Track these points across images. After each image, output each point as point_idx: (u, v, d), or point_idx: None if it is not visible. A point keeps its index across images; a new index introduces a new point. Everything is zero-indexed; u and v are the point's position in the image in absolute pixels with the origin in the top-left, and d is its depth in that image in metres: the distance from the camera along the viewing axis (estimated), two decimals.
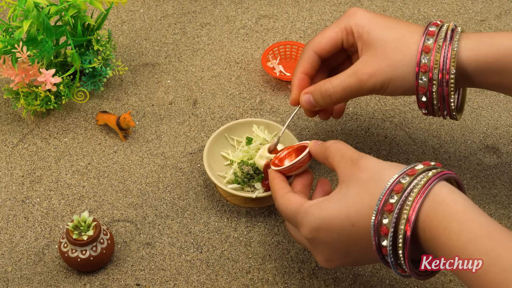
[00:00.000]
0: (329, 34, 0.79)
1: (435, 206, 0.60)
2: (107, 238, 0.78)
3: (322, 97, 0.78)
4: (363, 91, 0.76)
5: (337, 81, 0.77)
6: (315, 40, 0.80)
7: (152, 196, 0.87)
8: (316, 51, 0.80)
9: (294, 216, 0.69)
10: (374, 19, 0.76)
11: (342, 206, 0.65)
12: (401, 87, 0.75)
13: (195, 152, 0.92)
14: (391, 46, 0.74)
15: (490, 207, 0.85)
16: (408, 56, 0.73)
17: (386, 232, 0.62)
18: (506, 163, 0.90)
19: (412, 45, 0.73)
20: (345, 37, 0.78)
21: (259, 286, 0.78)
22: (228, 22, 1.09)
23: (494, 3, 1.13)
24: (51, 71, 0.89)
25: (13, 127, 0.95)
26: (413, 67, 0.73)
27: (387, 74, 0.74)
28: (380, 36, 0.75)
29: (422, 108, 0.76)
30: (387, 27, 0.75)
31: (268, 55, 1.01)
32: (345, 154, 0.69)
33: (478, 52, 0.71)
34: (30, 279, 0.79)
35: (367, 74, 0.74)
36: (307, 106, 0.80)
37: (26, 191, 0.87)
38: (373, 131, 0.94)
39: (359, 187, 0.65)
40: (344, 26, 0.78)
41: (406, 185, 0.62)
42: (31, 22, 0.87)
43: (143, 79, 1.01)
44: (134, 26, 1.09)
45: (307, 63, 0.81)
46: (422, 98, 0.74)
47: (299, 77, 0.81)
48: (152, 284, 0.78)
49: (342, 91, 0.77)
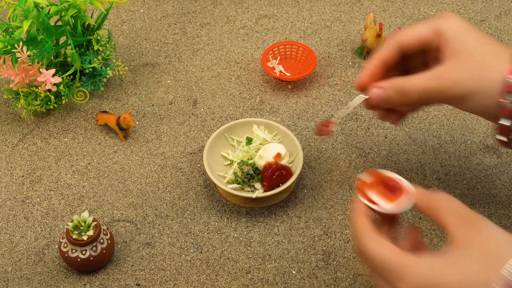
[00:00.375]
0: (419, 30, 0.73)
1: None
2: (107, 238, 0.78)
3: (397, 95, 0.72)
4: (442, 98, 0.70)
5: (417, 81, 0.70)
6: (403, 32, 0.74)
7: (152, 196, 0.87)
8: (400, 42, 0.74)
9: (392, 267, 0.62)
10: (468, 29, 0.71)
11: (456, 274, 0.59)
12: (482, 104, 0.69)
13: (195, 152, 0.92)
14: (481, 59, 0.69)
15: (490, 207, 0.85)
16: (496, 73, 0.68)
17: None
18: (506, 163, 0.90)
19: (502, 62, 0.68)
20: (434, 38, 0.73)
21: (259, 286, 0.78)
22: (228, 22, 1.09)
23: (494, 3, 1.13)
24: (51, 71, 0.89)
25: (13, 127, 0.95)
26: (501, 85, 0.67)
27: (472, 86, 0.68)
28: (470, 46, 0.70)
29: (502, 134, 0.70)
30: (480, 39, 0.70)
31: (268, 55, 1.01)
32: (461, 211, 0.63)
33: None
34: (30, 279, 0.79)
35: (451, 81, 0.69)
36: (376, 101, 0.73)
37: (26, 191, 0.87)
38: (373, 131, 0.94)
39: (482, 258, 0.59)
40: (438, 26, 0.72)
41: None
42: (31, 22, 0.87)
43: (143, 79, 1.01)
44: (134, 26, 1.09)
45: (387, 50, 0.74)
46: (505, 122, 0.68)
47: (375, 62, 0.74)
48: (152, 284, 0.78)
49: (421, 93, 0.70)
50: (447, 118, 0.95)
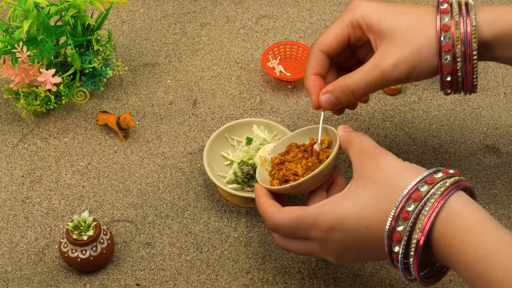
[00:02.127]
0: (335, 31, 0.75)
1: (450, 217, 0.60)
2: (107, 238, 0.78)
3: (344, 95, 0.74)
4: (388, 83, 0.73)
5: (359, 76, 0.73)
6: (321, 39, 0.76)
7: (152, 196, 0.87)
8: (323, 50, 0.76)
9: (303, 220, 0.67)
10: (381, 7, 0.73)
11: (357, 207, 0.64)
12: (425, 72, 0.72)
13: (195, 152, 0.92)
14: (408, 32, 0.71)
15: (490, 207, 0.85)
16: (427, 39, 0.70)
17: (399, 239, 0.61)
18: (506, 163, 0.90)
19: (429, 26, 0.70)
20: (352, 32, 0.75)
21: (259, 286, 0.78)
22: (228, 22, 1.09)
23: (494, 3, 1.12)
24: (51, 71, 0.89)
25: (13, 127, 0.95)
26: (435, 49, 0.70)
27: (410, 62, 0.70)
28: (393, 23, 0.71)
29: (447, 88, 0.73)
30: (397, 13, 0.72)
31: (268, 55, 1.01)
32: (366, 147, 0.68)
33: (495, 26, 0.69)
34: (30, 279, 0.79)
35: (391, 65, 0.71)
36: (328, 107, 0.76)
37: (26, 191, 0.87)
38: (373, 131, 0.94)
39: (376, 188, 0.64)
40: (350, 20, 0.74)
41: (424, 194, 0.61)
42: (31, 22, 0.87)
43: (143, 79, 1.01)
44: (134, 26, 1.09)
45: (315, 63, 0.77)
46: (447, 78, 0.72)
47: (311, 79, 0.77)
48: (152, 284, 0.78)
49: (366, 86, 0.73)
50: (447, 118, 0.95)
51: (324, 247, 0.68)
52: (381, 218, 0.63)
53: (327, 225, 0.66)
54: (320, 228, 0.66)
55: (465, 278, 0.59)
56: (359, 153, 0.68)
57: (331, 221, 0.65)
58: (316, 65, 0.77)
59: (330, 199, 0.67)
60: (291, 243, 0.71)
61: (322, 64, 0.77)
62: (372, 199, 0.64)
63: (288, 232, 0.70)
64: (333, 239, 0.66)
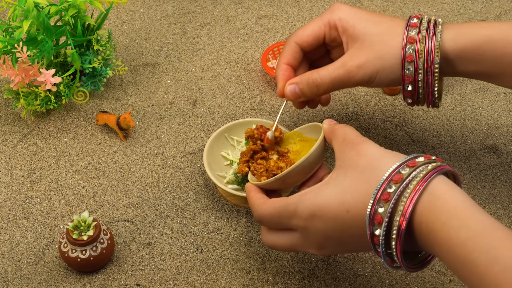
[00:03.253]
0: (312, 28, 0.80)
1: (433, 200, 0.60)
2: (107, 238, 0.78)
3: (309, 88, 0.79)
4: (351, 83, 0.77)
5: (325, 72, 0.77)
6: (298, 33, 0.81)
7: (152, 196, 0.87)
8: (298, 43, 0.81)
9: (284, 209, 0.68)
10: (358, 13, 0.78)
11: (338, 192, 0.65)
12: (387, 78, 0.76)
13: (195, 152, 0.92)
14: (377, 39, 0.76)
15: (490, 207, 0.85)
16: (393, 48, 0.75)
17: (380, 221, 0.61)
18: (506, 163, 0.90)
19: (397, 37, 0.75)
20: (328, 32, 0.80)
21: (259, 286, 0.78)
22: (228, 22, 1.09)
23: (494, 3, 1.13)
24: (51, 71, 0.89)
25: (13, 127, 0.95)
26: (399, 58, 0.75)
27: (374, 67, 0.75)
28: (366, 30, 0.76)
29: (408, 97, 0.77)
30: (372, 21, 0.77)
31: (268, 55, 1.01)
32: (348, 137, 0.69)
33: (458, 42, 0.74)
34: (30, 279, 0.79)
35: (356, 67, 0.76)
36: (292, 97, 0.80)
37: (26, 191, 0.87)
38: (373, 131, 0.94)
39: (357, 174, 0.64)
40: (328, 20, 0.79)
41: (405, 176, 0.61)
42: (31, 22, 0.87)
43: (143, 79, 1.01)
44: (134, 26, 1.09)
45: (289, 54, 0.81)
46: (408, 88, 0.76)
47: (283, 67, 0.81)
48: (152, 284, 0.78)
49: (330, 82, 0.77)
50: (447, 118, 0.95)
51: (306, 237, 0.68)
52: (362, 201, 0.63)
53: (307, 213, 0.66)
54: (301, 216, 0.67)
55: (447, 262, 0.59)
56: (342, 142, 0.69)
57: (311, 208, 0.66)
58: (289, 55, 0.81)
59: (311, 187, 0.67)
60: (275, 236, 0.72)
61: (295, 55, 0.81)
62: (353, 184, 0.64)
63: (272, 222, 0.71)
64: (314, 227, 0.66)
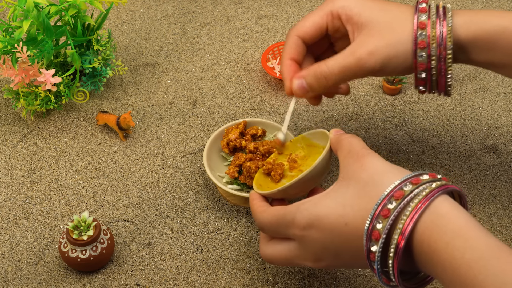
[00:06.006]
0: (313, 19, 0.76)
1: (436, 219, 0.58)
2: (107, 238, 0.78)
3: (317, 80, 0.74)
4: (362, 72, 0.73)
5: (334, 62, 0.73)
6: (298, 25, 0.77)
7: (152, 196, 0.87)
8: (300, 36, 0.77)
9: (283, 218, 0.67)
10: (362, 1, 0.74)
11: (338, 204, 0.63)
12: (401, 66, 0.72)
13: (195, 152, 0.92)
14: (386, 26, 0.72)
15: (490, 207, 0.85)
16: (404, 35, 0.71)
17: (377, 237, 0.59)
18: (506, 163, 0.90)
19: (407, 23, 0.72)
20: (330, 22, 0.76)
21: (259, 286, 0.78)
22: (228, 22, 1.09)
23: (494, 3, 1.13)
24: (51, 71, 0.89)
25: (13, 127, 0.95)
26: (410, 45, 0.71)
27: (386, 53, 0.71)
28: (372, 17, 0.73)
29: (421, 85, 0.74)
30: (377, 8, 0.73)
31: (268, 55, 1.01)
32: (353, 148, 0.67)
33: (469, 29, 0.71)
34: (30, 279, 0.79)
35: (366, 53, 0.71)
36: (300, 93, 0.76)
37: (26, 191, 0.87)
38: (373, 131, 0.94)
39: (359, 187, 0.62)
40: (330, 10, 0.75)
41: (407, 193, 0.59)
42: (31, 22, 0.87)
43: (143, 79, 1.01)
44: (134, 26, 1.09)
45: (292, 48, 0.77)
46: (422, 75, 0.72)
47: (287, 63, 0.77)
48: (152, 284, 0.78)
49: (340, 73, 0.73)
50: (447, 118, 0.95)
51: (303, 247, 0.66)
52: (361, 216, 0.61)
53: (305, 222, 0.64)
54: (298, 225, 0.65)
55: (450, 284, 0.56)
56: (347, 154, 0.67)
57: (309, 217, 0.64)
58: (292, 49, 0.77)
59: (311, 197, 0.66)
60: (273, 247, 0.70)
61: (298, 49, 0.77)
62: (354, 197, 0.62)
63: (271, 230, 0.69)
64: (311, 237, 0.64)
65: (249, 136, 0.85)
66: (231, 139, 0.84)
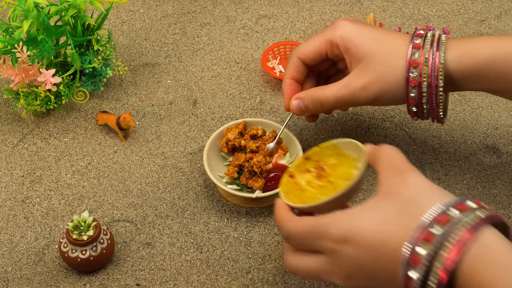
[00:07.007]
0: (314, 44, 0.80)
1: (483, 250, 0.55)
2: (107, 238, 0.78)
3: (313, 104, 0.80)
4: (356, 103, 0.78)
5: (330, 91, 0.78)
6: (301, 48, 0.81)
7: (152, 196, 0.87)
8: (300, 58, 0.81)
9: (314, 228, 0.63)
10: (360, 31, 0.77)
11: (377, 220, 0.59)
12: (393, 99, 0.77)
13: (195, 152, 0.92)
14: (381, 60, 0.75)
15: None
16: (397, 71, 0.75)
17: (417, 262, 0.56)
18: (506, 163, 0.90)
19: (400, 59, 0.75)
20: (330, 49, 0.80)
21: (259, 286, 0.78)
22: (228, 22, 1.09)
23: (494, 3, 1.13)
24: (51, 71, 0.89)
25: (13, 127, 0.95)
26: (403, 80, 0.75)
27: (379, 88, 0.76)
28: (370, 50, 0.76)
29: (413, 116, 0.79)
30: (375, 39, 0.77)
31: (268, 55, 1.01)
32: (393, 162, 0.64)
33: (461, 64, 0.73)
34: (30, 279, 0.79)
35: (359, 88, 0.76)
36: (296, 111, 0.82)
37: (26, 191, 0.87)
38: (373, 131, 0.94)
39: (400, 204, 0.59)
40: (329, 38, 0.79)
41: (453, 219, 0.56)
42: (31, 22, 0.87)
43: (143, 79, 1.01)
44: (134, 26, 1.09)
45: (293, 68, 0.82)
46: (413, 109, 0.77)
47: (287, 82, 0.82)
48: (152, 284, 0.78)
49: (334, 102, 0.78)
50: (447, 118, 0.95)
51: (334, 262, 0.62)
52: (401, 236, 0.57)
53: (339, 234, 0.60)
54: (332, 237, 0.61)
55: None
56: (386, 166, 0.64)
57: (344, 231, 0.60)
58: (293, 69, 0.82)
59: (347, 210, 0.62)
60: (299, 258, 0.66)
61: (299, 70, 0.82)
62: (394, 214, 0.59)
63: (299, 241, 0.65)
64: (344, 253, 0.60)
65: (248, 136, 0.86)
66: (230, 139, 0.85)
